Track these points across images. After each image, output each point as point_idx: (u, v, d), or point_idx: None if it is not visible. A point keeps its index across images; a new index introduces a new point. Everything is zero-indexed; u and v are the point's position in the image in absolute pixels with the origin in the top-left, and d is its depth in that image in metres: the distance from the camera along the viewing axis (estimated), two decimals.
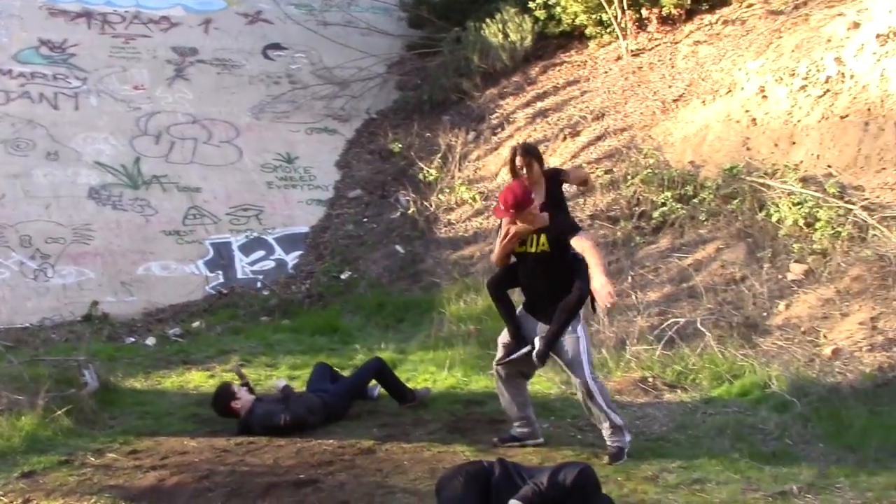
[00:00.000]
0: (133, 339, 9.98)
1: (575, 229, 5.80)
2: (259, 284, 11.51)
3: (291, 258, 12.00)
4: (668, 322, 8.43)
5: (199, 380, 8.24)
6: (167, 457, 6.00)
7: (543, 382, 7.67)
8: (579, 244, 5.65)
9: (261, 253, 12.03)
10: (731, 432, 6.24)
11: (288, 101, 14.50)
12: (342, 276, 11.43)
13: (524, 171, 6.20)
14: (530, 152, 6.35)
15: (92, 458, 6.01)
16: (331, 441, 6.25)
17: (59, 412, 6.53)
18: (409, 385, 7.45)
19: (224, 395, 6.78)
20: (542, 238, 5.74)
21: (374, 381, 7.26)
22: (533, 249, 5.77)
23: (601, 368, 7.60)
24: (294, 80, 15.08)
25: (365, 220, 12.48)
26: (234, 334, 10.17)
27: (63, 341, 9.73)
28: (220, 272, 11.65)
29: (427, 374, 8.02)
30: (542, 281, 5.82)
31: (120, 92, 14.12)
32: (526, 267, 5.90)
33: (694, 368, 7.68)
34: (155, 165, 12.94)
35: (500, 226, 6.19)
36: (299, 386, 7.40)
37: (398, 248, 11.70)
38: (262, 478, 5.53)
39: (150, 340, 9.89)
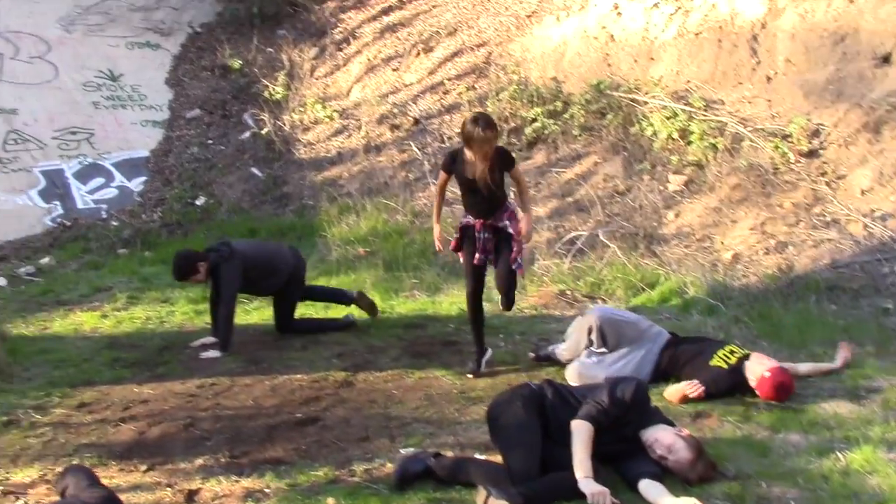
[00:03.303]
0: None
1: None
2: (105, 214, 10.58)
3: (135, 185, 11.10)
4: (570, 235, 8.68)
5: (92, 321, 7.52)
6: (128, 407, 5.44)
7: None
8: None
9: (100, 180, 11.04)
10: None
11: (100, 12, 13.22)
12: (197, 203, 10.74)
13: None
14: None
15: (38, 416, 5.33)
16: (299, 376, 5.92)
17: None
18: (332, 315, 7.34)
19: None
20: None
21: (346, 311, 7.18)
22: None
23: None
24: None
25: (210, 141, 11.73)
26: (94, 269, 9.37)
27: None
28: (56, 203, 10.60)
29: None
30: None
31: None
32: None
33: (606, 279, 7.93)
34: None
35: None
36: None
37: (255, 170, 11.12)
38: (255, 420, 5.15)
39: (2, 281, 8.87)
